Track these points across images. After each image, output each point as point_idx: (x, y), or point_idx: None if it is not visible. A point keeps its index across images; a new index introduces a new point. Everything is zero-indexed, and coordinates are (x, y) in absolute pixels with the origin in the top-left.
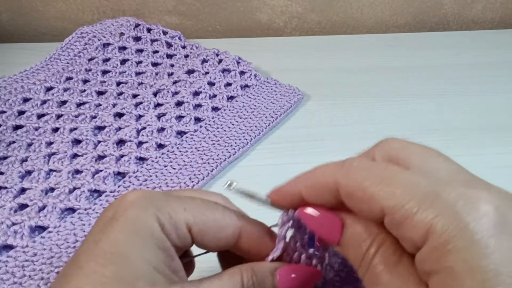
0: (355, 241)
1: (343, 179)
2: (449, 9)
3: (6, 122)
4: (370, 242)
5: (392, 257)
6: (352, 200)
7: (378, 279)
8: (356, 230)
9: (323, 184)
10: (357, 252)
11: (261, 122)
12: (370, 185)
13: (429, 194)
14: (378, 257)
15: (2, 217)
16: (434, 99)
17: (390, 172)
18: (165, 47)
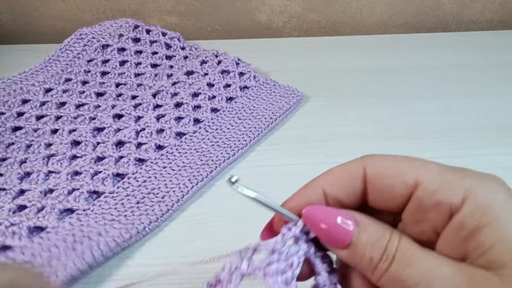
0: (372, 237)
1: (371, 164)
2: (448, 9)
3: (5, 123)
4: (389, 234)
5: (416, 244)
6: (382, 179)
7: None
8: (372, 226)
9: (349, 173)
10: (377, 247)
11: (260, 123)
12: (400, 163)
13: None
14: (403, 246)
15: (1, 218)
16: (433, 100)
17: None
18: (164, 48)
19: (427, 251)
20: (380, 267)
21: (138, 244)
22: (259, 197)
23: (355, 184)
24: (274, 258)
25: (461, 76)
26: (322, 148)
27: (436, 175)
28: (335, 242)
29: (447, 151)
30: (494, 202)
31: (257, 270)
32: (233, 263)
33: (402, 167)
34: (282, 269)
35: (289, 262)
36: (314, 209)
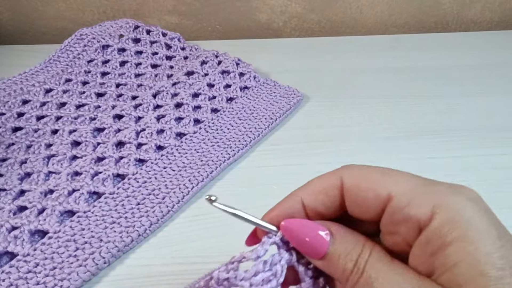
0: (345, 249)
1: (347, 175)
2: (448, 9)
3: (6, 124)
4: (361, 247)
5: (385, 259)
6: (357, 191)
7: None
8: (345, 238)
9: (326, 185)
10: (348, 259)
11: (261, 124)
12: (375, 176)
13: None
14: (373, 259)
15: (2, 220)
16: (433, 100)
17: (388, 169)
18: (165, 49)
19: (395, 265)
20: (352, 279)
21: (138, 244)
22: (238, 212)
23: (332, 196)
24: (259, 268)
25: (461, 76)
26: (322, 149)
27: (407, 190)
28: (311, 253)
29: (447, 151)
30: (461, 219)
31: (244, 281)
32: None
33: (376, 180)
34: (267, 278)
35: (273, 271)
36: (292, 223)
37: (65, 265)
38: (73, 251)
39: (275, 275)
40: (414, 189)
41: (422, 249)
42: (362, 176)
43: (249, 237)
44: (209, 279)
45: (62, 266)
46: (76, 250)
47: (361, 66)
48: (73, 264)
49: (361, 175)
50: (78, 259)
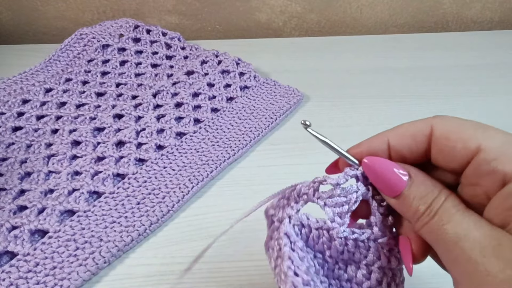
0: (420, 192)
1: (439, 124)
2: (448, 9)
3: (6, 123)
4: (437, 193)
5: (460, 205)
6: (447, 141)
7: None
8: (423, 181)
9: (415, 131)
10: (422, 202)
11: (261, 123)
12: (466, 128)
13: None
14: (447, 204)
15: (2, 220)
16: (433, 100)
17: (480, 123)
18: (165, 48)
19: (469, 213)
20: (422, 219)
21: (138, 243)
22: (327, 141)
23: (420, 142)
24: (336, 192)
25: (461, 76)
26: (322, 148)
27: (498, 145)
28: (387, 191)
29: None
30: None
31: (320, 199)
32: (302, 189)
33: (467, 132)
34: (340, 203)
35: (348, 199)
36: (374, 159)
37: (65, 264)
38: (73, 250)
39: (348, 202)
40: (505, 145)
41: (501, 202)
42: (453, 126)
43: (330, 166)
44: (293, 189)
45: (62, 265)
46: (76, 249)
47: (361, 66)
48: (73, 263)
49: (452, 126)
50: (78, 259)
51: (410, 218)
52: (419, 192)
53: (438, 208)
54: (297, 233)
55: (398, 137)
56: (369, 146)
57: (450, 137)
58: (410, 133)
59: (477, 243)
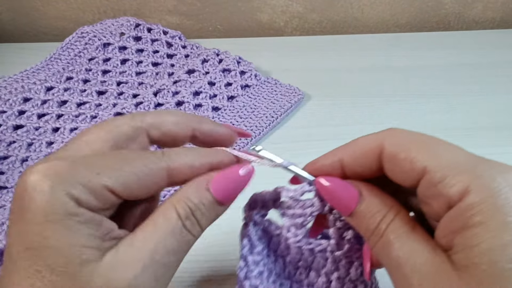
0: (370, 211)
1: (388, 141)
2: (449, 9)
3: (7, 121)
4: (385, 212)
5: (405, 227)
6: (395, 161)
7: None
8: (373, 201)
9: (366, 149)
10: (371, 221)
11: (262, 122)
12: (414, 148)
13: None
14: (393, 225)
15: (3, 218)
16: (434, 99)
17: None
18: (166, 47)
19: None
20: (372, 239)
21: None
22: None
23: (372, 160)
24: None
25: (462, 75)
26: (323, 147)
27: (443, 166)
28: (340, 209)
29: None
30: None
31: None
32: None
33: (414, 152)
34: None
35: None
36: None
37: None
38: None
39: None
40: (450, 166)
41: (447, 225)
42: (402, 145)
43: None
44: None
45: None
46: None
47: (362, 64)
48: None
49: (401, 144)
50: None
51: (363, 236)
52: (369, 211)
53: (385, 229)
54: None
55: (350, 155)
56: (322, 164)
57: (398, 157)
58: (362, 152)
59: (417, 270)
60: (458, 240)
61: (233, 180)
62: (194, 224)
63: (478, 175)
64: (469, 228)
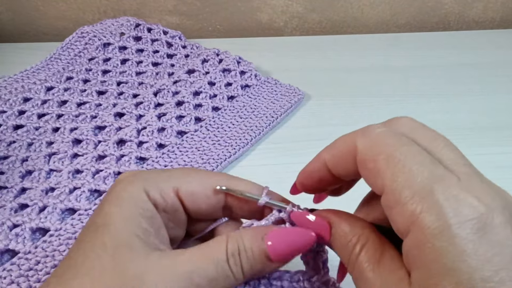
0: (342, 241)
1: (360, 145)
2: (449, 9)
3: (7, 121)
4: (355, 241)
5: (375, 255)
6: (364, 169)
7: (363, 276)
8: (342, 230)
9: (345, 151)
10: (345, 251)
11: (262, 122)
12: (381, 159)
13: (425, 187)
14: (363, 255)
15: (3, 218)
16: (434, 99)
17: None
18: (166, 47)
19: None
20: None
21: None
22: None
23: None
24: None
25: (462, 75)
26: (323, 147)
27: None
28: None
29: None
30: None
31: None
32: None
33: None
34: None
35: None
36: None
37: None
38: None
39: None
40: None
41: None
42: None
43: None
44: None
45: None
46: None
47: (362, 64)
48: None
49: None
50: None
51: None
52: (340, 241)
53: (354, 262)
54: None
55: (331, 158)
56: (311, 171)
57: (366, 166)
58: (340, 154)
59: None
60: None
61: (293, 241)
62: (237, 264)
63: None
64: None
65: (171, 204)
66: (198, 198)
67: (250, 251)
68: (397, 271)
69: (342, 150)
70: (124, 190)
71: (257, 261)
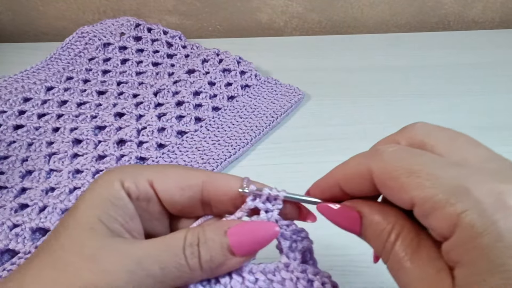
0: (374, 230)
1: (375, 168)
2: (449, 9)
3: (7, 121)
4: (389, 230)
5: (412, 244)
6: (385, 188)
7: (400, 265)
8: (374, 219)
9: (358, 174)
10: (379, 240)
11: (262, 122)
12: (401, 175)
13: (458, 187)
14: (399, 244)
15: (3, 218)
16: (434, 99)
17: (421, 162)
18: (166, 47)
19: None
20: (383, 258)
21: None
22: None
23: (364, 184)
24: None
25: (462, 74)
26: (323, 147)
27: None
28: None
29: None
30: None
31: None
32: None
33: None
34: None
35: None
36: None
37: None
38: None
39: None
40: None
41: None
42: (389, 172)
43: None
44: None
45: None
46: None
47: (362, 64)
48: None
49: (388, 171)
50: None
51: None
52: (373, 231)
53: (390, 251)
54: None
55: (343, 179)
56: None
57: (387, 185)
58: (353, 176)
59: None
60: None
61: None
62: (195, 255)
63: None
64: (461, 267)
65: (145, 192)
66: (172, 190)
67: (211, 242)
68: (436, 261)
69: (355, 172)
70: (100, 179)
71: (218, 253)
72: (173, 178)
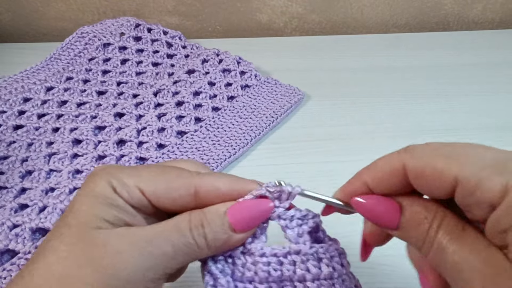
0: (415, 220)
1: (410, 161)
2: (449, 10)
3: (7, 122)
4: (431, 218)
5: (456, 229)
6: (422, 178)
7: (446, 250)
8: (415, 209)
9: (389, 171)
10: (419, 230)
11: (262, 122)
12: (439, 161)
13: (499, 162)
14: (443, 229)
15: (3, 218)
16: (434, 99)
17: (455, 146)
18: (166, 47)
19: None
20: (424, 250)
21: None
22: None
23: (398, 181)
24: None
25: (462, 75)
26: (323, 147)
27: (474, 172)
28: (385, 226)
29: None
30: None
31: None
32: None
33: (440, 165)
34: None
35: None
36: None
37: None
38: None
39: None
40: (482, 171)
41: (495, 226)
42: (425, 161)
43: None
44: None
45: None
46: None
47: (362, 65)
48: None
49: (424, 161)
50: None
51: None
52: (414, 220)
53: (435, 235)
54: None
55: (374, 179)
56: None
57: (425, 173)
58: (384, 174)
59: (476, 273)
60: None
61: (250, 211)
62: (200, 234)
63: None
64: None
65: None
66: (163, 200)
67: (213, 223)
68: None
69: (386, 171)
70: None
71: (221, 232)
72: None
